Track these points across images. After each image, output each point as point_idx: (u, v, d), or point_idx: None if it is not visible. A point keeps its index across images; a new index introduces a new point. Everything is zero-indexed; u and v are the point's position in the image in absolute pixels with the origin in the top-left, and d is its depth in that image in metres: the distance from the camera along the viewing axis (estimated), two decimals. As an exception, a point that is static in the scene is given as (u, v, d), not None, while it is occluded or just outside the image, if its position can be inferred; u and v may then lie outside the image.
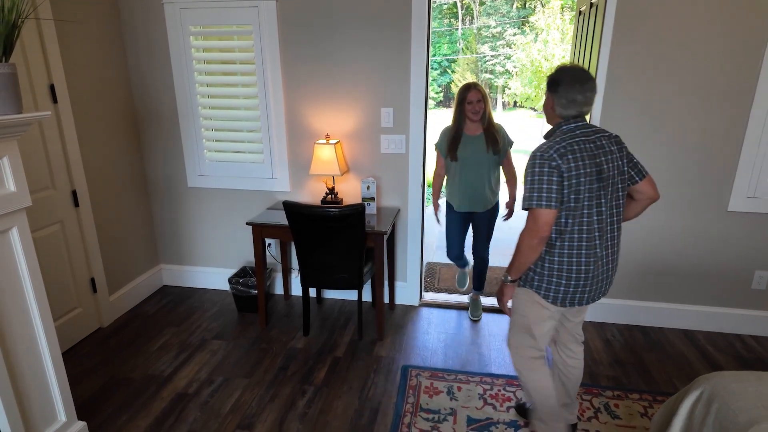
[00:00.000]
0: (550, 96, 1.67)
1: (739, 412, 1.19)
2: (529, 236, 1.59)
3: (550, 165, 1.56)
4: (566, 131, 1.64)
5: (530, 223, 1.59)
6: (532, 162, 1.60)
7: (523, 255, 1.64)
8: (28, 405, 1.75)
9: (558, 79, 1.62)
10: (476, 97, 2.60)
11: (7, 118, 1.51)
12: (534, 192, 1.57)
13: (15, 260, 1.68)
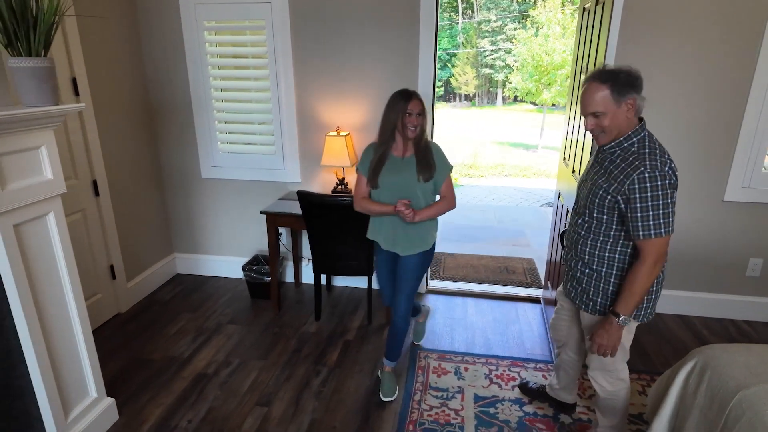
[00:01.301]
0: (631, 97, 1.47)
1: (728, 379, 1.30)
2: (657, 267, 1.46)
3: (671, 184, 1.42)
4: (653, 138, 1.49)
5: (655, 253, 1.44)
6: (654, 184, 1.41)
7: (647, 289, 1.49)
8: (63, 381, 1.86)
9: (633, 73, 1.48)
10: (418, 108, 2.00)
11: (47, 109, 1.61)
12: (661, 219, 1.42)
13: (51, 243, 1.78)
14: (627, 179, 1.45)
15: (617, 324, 1.52)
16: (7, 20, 1.51)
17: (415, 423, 2.11)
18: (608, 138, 1.55)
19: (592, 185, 1.60)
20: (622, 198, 1.48)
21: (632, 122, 1.52)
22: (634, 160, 1.47)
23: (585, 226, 1.64)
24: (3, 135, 1.54)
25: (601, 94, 1.48)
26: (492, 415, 2.16)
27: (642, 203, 1.43)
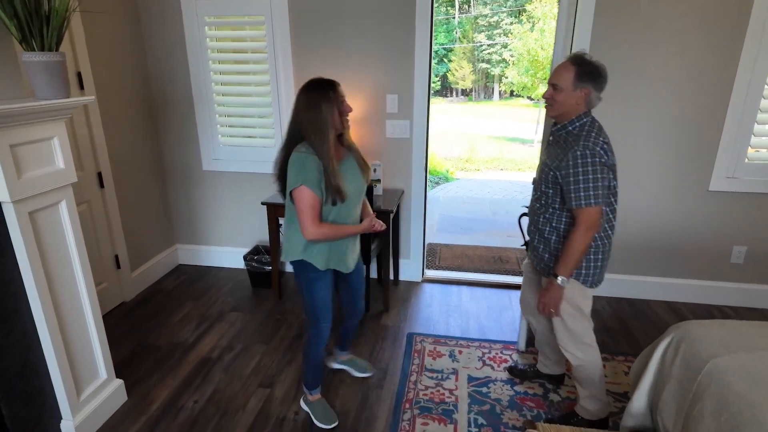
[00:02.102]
0: (587, 87, 1.66)
1: (701, 351, 1.41)
2: (588, 233, 1.65)
3: (601, 161, 1.61)
4: (595, 123, 1.69)
5: (587, 221, 1.64)
6: (584, 161, 1.60)
7: (581, 253, 1.68)
8: (75, 362, 1.95)
9: (601, 72, 1.66)
10: (343, 94, 1.76)
11: (60, 102, 1.69)
12: (590, 191, 1.61)
13: (63, 230, 1.86)
14: (565, 156, 1.66)
15: (557, 284, 1.73)
16: (22, 17, 1.58)
17: (411, 402, 2.21)
18: (554, 112, 1.76)
19: (542, 164, 1.82)
20: (560, 173, 1.68)
21: (579, 109, 1.71)
22: (573, 141, 1.68)
23: (540, 201, 1.85)
24: (18, 126, 1.62)
25: (567, 73, 1.68)
26: (484, 394, 2.26)
27: (574, 177, 1.64)
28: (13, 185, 1.61)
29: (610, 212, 1.78)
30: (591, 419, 1.97)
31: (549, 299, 1.78)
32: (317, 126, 1.69)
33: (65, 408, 1.91)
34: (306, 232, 1.73)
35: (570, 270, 1.71)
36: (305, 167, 1.69)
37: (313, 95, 1.70)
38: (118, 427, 2.06)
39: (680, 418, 1.41)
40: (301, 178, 1.69)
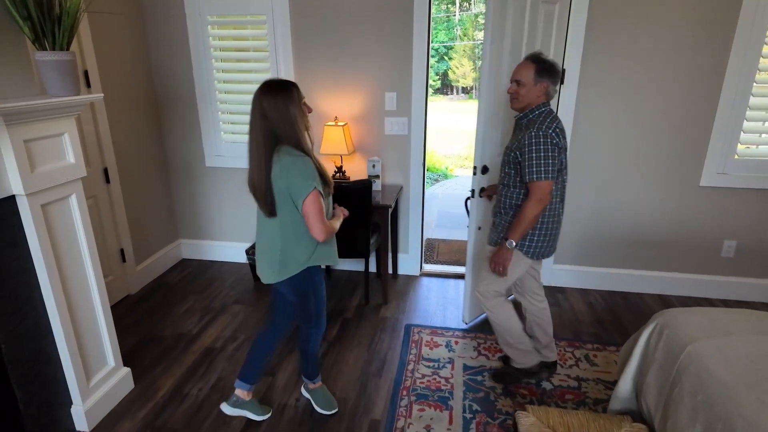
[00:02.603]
0: (546, 82, 1.92)
1: (681, 336, 1.48)
2: (538, 205, 1.90)
3: (552, 142, 1.87)
4: (552, 113, 1.96)
5: (538, 193, 1.89)
6: (537, 140, 1.86)
7: (530, 222, 1.93)
8: (85, 349, 2.03)
9: (556, 68, 1.95)
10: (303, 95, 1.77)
11: (71, 99, 1.77)
12: (542, 167, 1.87)
13: (73, 223, 1.94)
14: (522, 137, 1.93)
15: (506, 246, 2.00)
16: (35, 18, 1.66)
17: (409, 389, 2.28)
18: (518, 105, 1.99)
19: (506, 149, 2.07)
20: (519, 152, 1.94)
21: (539, 100, 1.96)
22: (530, 125, 1.93)
23: (503, 181, 2.09)
24: (32, 122, 1.69)
25: (527, 70, 1.93)
26: (479, 382, 2.34)
27: (528, 154, 1.89)
28: (26, 179, 1.69)
29: (558, 189, 2.02)
30: (520, 368, 2.29)
31: (498, 258, 2.04)
32: (294, 126, 1.66)
33: (75, 394, 1.99)
34: (320, 235, 1.71)
35: (519, 235, 1.97)
36: (309, 170, 1.67)
37: (278, 98, 1.65)
38: (125, 413, 2.14)
39: (661, 400, 1.48)
40: (310, 182, 1.65)
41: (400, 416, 2.11)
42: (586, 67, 2.82)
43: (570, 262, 3.26)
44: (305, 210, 1.68)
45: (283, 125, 1.66)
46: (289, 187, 1.67)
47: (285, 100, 1.65)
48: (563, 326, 2.83)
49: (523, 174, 1.93)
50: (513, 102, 2.01)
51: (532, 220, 1.94)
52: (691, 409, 1.31)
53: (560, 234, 3.18)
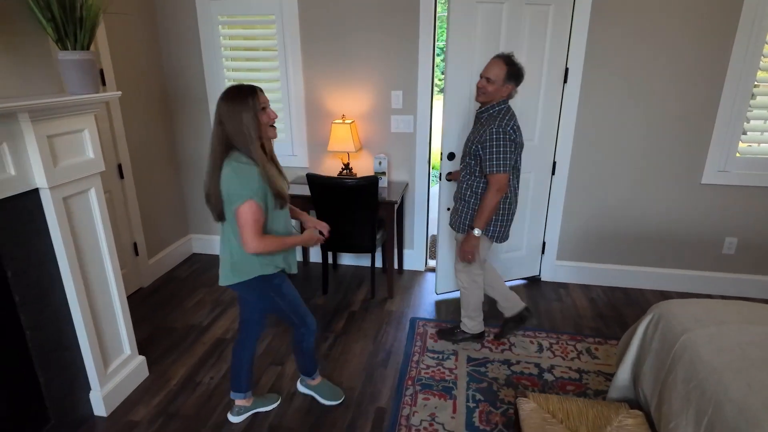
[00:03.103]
0: (512, 84, 2.14)
1: (676, 325, 1.54)
2: (497, 195, 2.16)
3: (510, 138, 2.09)
4: (510, 110, 2.17)
5: (496, 184, 2.14)
6: (497, 137, 2.09)
7: (491, 210, 2.19)
8: (103, 337, 2.11)
9: (522, 73, 2.16)
10: (267, 101, 1.71)
11: (92, 96, 1.84)
12: (500, 161, 2.10)
13: (92, 215, 2.02)
14: (483, 133, 2.13)
15: (473, 234, 2.23)
16: (59, 19, 1.73)
17: (414, 379, 2.35)
18: (483, 98, 2.18)
19: (467, 140, 2.28)
20: (479, 146, 2.14)
21: (501, 98, 2.16)
22: (490, 121, 2.13)
23: (464, 171, 2.30)
24: (55, 119, 1.77)
25: (500, 70, 2.11)
26: (482, 373, 2.40)
27: (489, 149, 2.10)
28: (50, 172, 1.77)
29: (514, 180, 2.26)
30: (470, 332, 2.60)
31: (468, 247, 2.27)
32: (244, 134, 1.62)
33: (94, 380, 2.07)
34: (248, 247, 1.65)
35: (483, 224, 2.21)
36: (250, 179, 1.62)
37: (232, 104, 1.61)
38: (141, 399, 2.22)
39: (657, 387, 1.54)
40: (247, 191, 1.61)
41: (406, 404, 2.18)
42: (588, 65, 2.87)
43: (572, 259, 3.31)
44: (237, 219, 1.64)
45: (235, 132, 1.62)
46: (228, 194, 1.64)
47: (239, 106, 1.60)
48: (565, 321, 2.88)
49: (483, 166, 2.15)
50: (479, 95, 2.19)
51: (493, 209, 2.19)
52: (684, 395, 1.37)
53: (562, 229, 3.25)
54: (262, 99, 1.66)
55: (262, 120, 1.66)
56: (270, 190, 1.68)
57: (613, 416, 1.56)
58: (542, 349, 2.60)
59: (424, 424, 2.08)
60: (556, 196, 3.18)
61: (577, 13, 2.79)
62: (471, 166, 2.25)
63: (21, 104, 1.59)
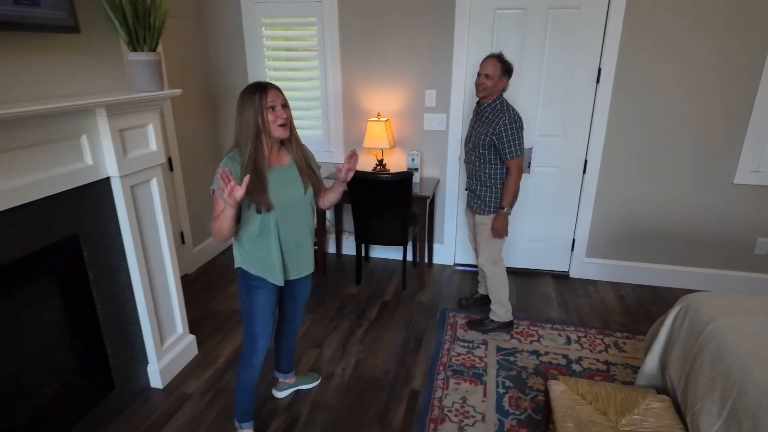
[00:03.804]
0: (506, 78, 2.41)
1: (704, 315, 1.61)
2: (519, 177, 2.46)
3: (519, 125, 2.39)
4: (506, 102, 2.43)
5: (517, 167, 2.43)
6: (512, 126, 2.36)
7: (515, 190, 2.49)
8: (160, 315, 2.30)
9: (512, 69, 2.43)
10: (280, 99, 1.64)
11: (157, 93, 2.02)
12: (517, 147, 2.39)
13: (153, 203, 2.21)
14: (496, 126, 2.38)
15: (503, 213, 2.49)
16: (131, 23, 1.91)
17: (445, 365, 2.47)
18: (483, 93, 2.42)
19: (477, 133, 2.49)
20: (495, 137, 2.39)
21: (497, 92, 2.42)
22: (499, 113, 2.39)
23: (479, 160, 2.52)
24: (126, 114, 1.95)
25: (495, 67, 2.36)
26: (511, 362, 2.50)
27: (506, 137, 2.37)
28: (121, 163, 1.95)
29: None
30: (500, 321, 2.72)
31: (499, 225, 2.51)
32: (242, 131, 1.61)
33: (152, 354, 2.26)
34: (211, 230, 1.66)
35: (509, 202, 2.48)
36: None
37: (241, 100, 1.62)
38: (192, 374, 2.40)
39: (684, 374, 1.62)
40: (214, 182, 1.60)
41: (438, 388, 2.30)
42: (621, 65, 2.92)
43: (601, 256, 3.36)
44: None
45: (237, 127, 1.64)
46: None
47: (245, 102, 1.61)
48: (593, 315, 2.95)
49: (503, 154, 2.41)
50: (479, 91, 2.43)
51: (517, 189, 2.50)
52: (710, 379, 1.45)
53: (592, 227, 3.30)
54: (271, 97, 1.61)
55: (267, 118, 1.61)
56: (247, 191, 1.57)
57: (641, 400, 1.64)
58: (570, 341, 2.68)
59: (456, 405, 2.19)
60: (587, 193, 3.23)
61: (612, 13, 2.85)
62: (485, 156, 2.48)
63: (99, 100, 1.77)
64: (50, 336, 1.85)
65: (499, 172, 2.50)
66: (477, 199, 2.59)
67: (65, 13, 1.67)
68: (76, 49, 1.83)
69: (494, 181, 2.51)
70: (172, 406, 2.20)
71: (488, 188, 2.53)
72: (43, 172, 1.70)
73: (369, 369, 2.45)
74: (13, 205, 1.59)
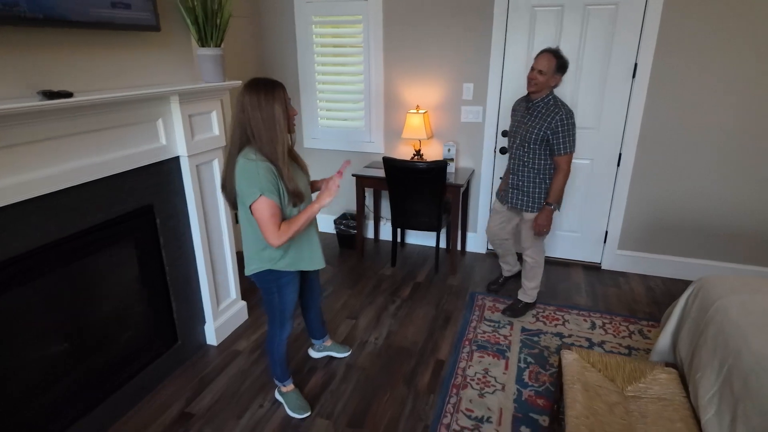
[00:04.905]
0: (560, 75, 2.39)
1: (713, 294, 1.70)
2: (568, 173, 2.47)
3: (574, 122, 2.39)
4: (558, 98, 2.43)
5: (567, 164, 2.45)
6: (568, 122, 2.36)
7: (563, 187, 2.50)
8: (217, 281, 2.60)
9: (568, 65, 2.42)
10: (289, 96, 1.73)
11: (221, 84, 2.31)
12: (570, 142, 2.40)
13: (214, 181, 2.50)
14: (551, 121, 2.39)
15: (549, 209, 2.53)
16: (201, 22, 2.21)
17: (471, 341, 2.64)
18: (535, 89, 2.41)
19: (528, 128, 2.49)
20: (549, 132, 2.41)
21: (549, 89, 2.42)
22: (553, 109, 2.40)
23: (527, 155, 2.54)
24: (194, 101, 2.25)
25: (549, 63, 2.35)
26: (535, 342, 2.64)
27: (560, 134, 2.38)
28: (189, 144, 2.25)
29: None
30: (528, 302, 2.88)
31: (543, 221, 2.54)
32: (270, 126, 1.61)
33: (209, 314, 2.57)
34: (271, 243, 1.67)
35: (556, 198, 2.50)
36: (259, 176, 1.62)
37: (263, 94, 1.61)
38: (242, 335, 2.70)
39: (691, 348, 1.72)
40: (257, 188, 1.60)
41: (462, 359, 2.48)
42: (657, 60, 2.97)
43: (634, 248, 3.41)
44: (254, 216, 1.67)
45: (259, 125, 1.62)
46: (240, 191, 1.69)
47: (272, 97, 1.62)
48: (620, 305, 3.02)
49: (555, 150, 2.43)
50: (530, 86, 2.41)
51: (564, 186, 2.51)
52: (712, 349, 1.55)
53: (624, 219, 3.36)
54: (287, 93, 1.70)
55: (290, 114, 1.69)
56: (285, 187, 1.68)
57: (649, 371, 1.76)
58: (594, 326, 2.78)
59: (478, 375, 2.37)
60: (620, 186, 3.29)
61: (649, 10, 2.90)
62: (537, 150, 2.50)
63: (174, 89, 2.07)
64: (127, 291, 2.18)
65: (548, 168, 2.52)
66: (523, 195, 2.61)
67: (150, 15, 1.97)
68: (156, 45, 2.14)
69: (543, 177, 2.54)
70: (224, 361, 2.50)
71: (536, 184, 2.56)
72: (126, 150, 2.01)
73: (399, 339, 2.66)
74: (104, 175, 1.91)
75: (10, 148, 1.56)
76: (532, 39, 3.18)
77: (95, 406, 2.01)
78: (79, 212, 1.85)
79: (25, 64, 1.63)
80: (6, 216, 1.59)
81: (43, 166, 1.67)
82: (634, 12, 2.94)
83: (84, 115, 1.78)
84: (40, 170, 1.66)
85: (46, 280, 1.79)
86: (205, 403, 2.21)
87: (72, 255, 1.87)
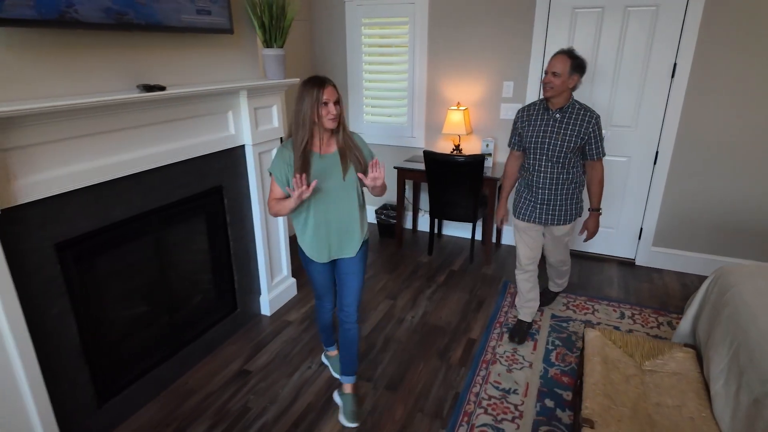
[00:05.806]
0: (577, 75, 2.23)
1: (731, 280, 1.82)
2: (603, 175, 2.46)
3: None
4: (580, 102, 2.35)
5: (603, 166, 2.43)
6: (600, 125, 2.31)
7: (602, 190, 2.48)
8: (272, 258, 2.89)
9: (586, 65, 2.26)
10: (334, 96, 1.78)
11: (283, 81, 2.60)
12: (604, 144, 2.37)
13: (272, 168, 2.80)
14: (588, 125, 2.28)
15: (598, 214, 2.50)
16: (267, 25, 2.49)
17: (502, 324, 2.82)
18: (551, 93, 2.26)
19: (563, 137, 2.31)
20: (587, 137, 2.30)
21: (568, 91, 2.28)
22: (585, 113, 2.29)
23: (562, 166, 2.37)
24: (259, 96, 2.54)
25: (563, 64, 2.21)
26: (563, 327, 2.78)
27: (598, 137, 2.32)
28: (254, 134, 2.55)
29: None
30: (556, 291, 3.01)
31: (594, 227, 2.52)
32: (297, 119, 1.78)
33: (264, 286, 2.87)
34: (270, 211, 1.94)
35: (600, 202, 2.49)
36: (277, 157, 1.86)
37: (301, 90, 1.78)
38: (292, 308, 2.99)
39: (709, 330, 1.85)
40: (271, 167, 1.90)
41: (493, 339, 2.67)
42: (697, 61, 3.03)
43: (669, 246, 3.47)
44: None
45: (294, 115, 1.80)
46: None
47: (304, 93, 1.77)
48: (652, 299, 3.11)
49: (594, 153, 2.35)
50: (546, 90, 2.26)
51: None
52: (725, 328, 1.68)
53: (660, 217, 3.42)
54: (326, 94, 1.74)
55: (320, 113, 1.76)
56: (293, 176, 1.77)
57: (667, 350, 1.90)
58: (624, 316, 2.89)
59: (507, 354, 2.55)
60: (657, 184, 3.36)
61: (690, 11, 2.97)
62: (569, 158, 2.33)
63: (245, 85, 2.37)
64: (199, 260, 2.50)
65: (580, 175, 2.42)
66: (557, 209, 2.45)
67: (225, 20, 2.27)
68: (229, 46, 2.44)
69: (576, 185, 2.43)
70: (277, 329, 2.79)
71: (572, 195, 2.43)
72: (202, 137, 2.32)
73: (434, 319, 2.87)
74: (184, 158, 2.23)
75: (112, 132, 1.88)
76: (572, 39, 3.30)
77: (173, 355, 2.34)
78: (163, 189, 2.17)
79: (129, 63, 1.96)
80: (110, 189, 1.92)
81: (137, 149, 1.99)
82: (675, 13, 3.01)
83: (170, 106, 2.09)
84: (136, 152, 1.99)
85: (136, 244, 2.12)
86: (261, 363, 2.50)
87: (158, 225, 2.20)
